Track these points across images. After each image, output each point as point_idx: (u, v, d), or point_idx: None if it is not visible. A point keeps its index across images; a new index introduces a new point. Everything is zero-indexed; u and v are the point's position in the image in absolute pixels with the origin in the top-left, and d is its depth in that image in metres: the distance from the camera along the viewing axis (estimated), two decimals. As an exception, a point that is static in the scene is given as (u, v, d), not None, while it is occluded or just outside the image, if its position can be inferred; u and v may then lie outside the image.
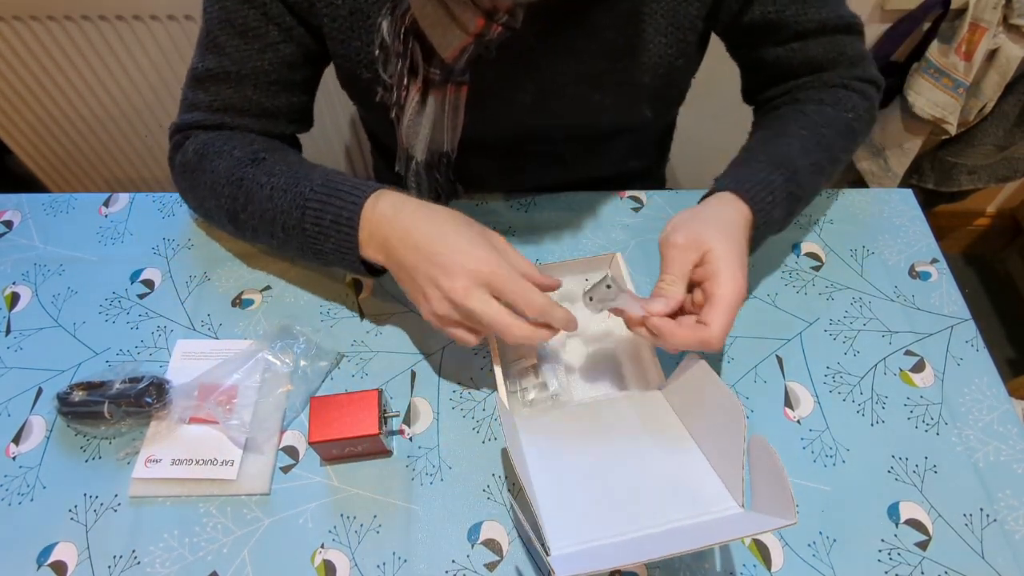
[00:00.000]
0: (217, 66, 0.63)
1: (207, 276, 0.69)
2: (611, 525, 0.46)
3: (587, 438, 0.54)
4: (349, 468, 0.57)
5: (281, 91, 0.65)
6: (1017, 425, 0.58)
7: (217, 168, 0.62)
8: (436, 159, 0.67)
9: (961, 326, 0.65)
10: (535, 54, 0.62)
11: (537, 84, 0.65)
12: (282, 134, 0.68)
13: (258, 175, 0.60)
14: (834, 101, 0.66)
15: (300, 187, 0.57)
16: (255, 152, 0.62)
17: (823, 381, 0.62)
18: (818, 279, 0.69)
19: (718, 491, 0.47)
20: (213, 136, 0.64)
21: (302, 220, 0.57)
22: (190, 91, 0.66)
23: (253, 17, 0.60)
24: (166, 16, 1.13)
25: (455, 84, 0.60)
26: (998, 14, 1.08)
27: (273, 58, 0.62)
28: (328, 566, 0.52)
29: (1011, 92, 1.22)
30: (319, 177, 0.58)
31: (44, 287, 0.69)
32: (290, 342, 0.62)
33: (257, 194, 0.59)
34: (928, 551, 0.52)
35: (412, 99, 0.60)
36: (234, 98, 0.64)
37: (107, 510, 0.55)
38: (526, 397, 0.58)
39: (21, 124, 1.34)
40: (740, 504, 0.46)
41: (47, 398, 0.61)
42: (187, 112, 0.66)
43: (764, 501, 0.43)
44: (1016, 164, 1.35)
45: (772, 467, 0.42)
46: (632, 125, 0.72)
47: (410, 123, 0.62)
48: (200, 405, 0.58)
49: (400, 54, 0.58)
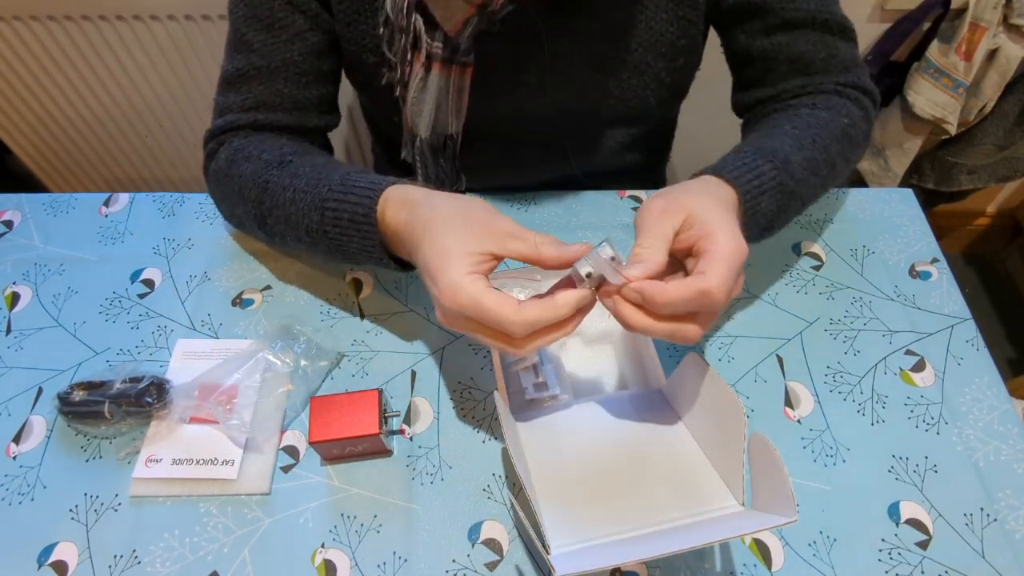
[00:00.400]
0: (247, 64, 0.63)
1: (207, 276, 0.69)
2: (611, 524, 0.46)
3: (587, 437, 0.54)
4: (349, 468, 0.57)
5: (312, 82, 0.65)
6: (1017, 425, 0.58)
7: (245, 173, 0.61)
8: (441, 142, 0.67)
9: (961, 326, 0.65)
10: (540, 36, 0.62)
11: (542, 66, 0.65)
12: (316, 127, 0.68)
13: (283, 177, 0.58)
14: (828, 106, 0.63)
15: (319, 188, 0.56)
16: (283, 155, 0.61)
17: (823, 381, 0.62)
18: (818, 279, 0.69)
19: (718, 489, 0.47)
20: (244, 141, 0.63)
21: (322, 222, 0.55)
22: (221, 96, 0.66)
23: (279, 7, 0.61)
24: (166, 16, 1.13)
25: (460, 65, 0.60)
26: (998, 14, 1.08)
27: (302, 48, 0.63)
28: (328, 566, 0.52)
29: (1011, 92, 1.22)
30: (339, 175, 0.56)
31: (44, 287, 0.69)
32: (290, 342, 0.62)
33: (281, 197, 0.58)
34: (928, 551, 0.52)
35: (416, 75, 0.61)
36: (266, 94, 0.63)
37: (108, 510, 0.55)
38: (526, 397, 0.58)
39: (21, 124, 1.34)
40: (740, 503, 0.46)
41: (47, 398, 0.61)
42: (219, 117, 0.65)
43: (765, 499, 0.43)
44: (1016, 164, 1.35)
45: (773, 464, 0.42)
46: (635, 114, 0.72)
47: (414, 100, 0.63)
48: (200, 405, 0.58)
49: (403, 29, 0.58)
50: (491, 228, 0.46)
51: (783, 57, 0.64)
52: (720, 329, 0.65)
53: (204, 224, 0.74)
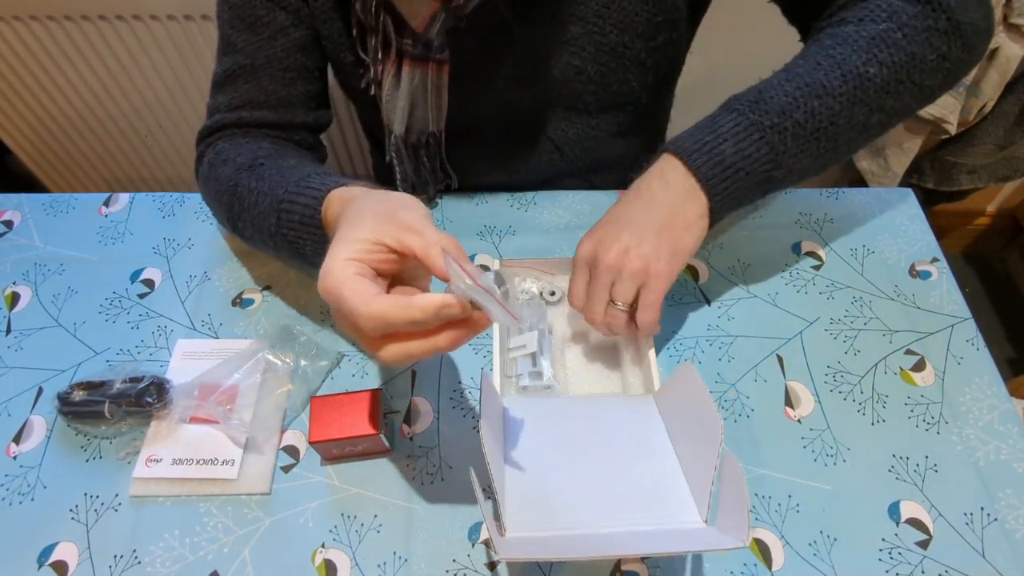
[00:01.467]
0: (233, 64, 0.63)
1: (207, 276, 0.69)
2: (573, 518, 0.46)
3: (569, 430, 0.53)
4: (349, 467, 0.57)
5: (296, 78, 0.65)
6: (1017, 424, 0.58)
7: (220, 176, 0.61)
8: (423, 140, 0.67)
9: (961, 325, 0.65)
10: (511, 25, 0.62)
11: (517, 56, 0.65)
12: (303, 124, 0.68)
13: (251, 180, 0.58)
14: (862, 17, 0.54)
15: (277, 190, 0.55)
16: (255, 158, 0.60)
17: (823, 380, 0.62)
18: (818, 278, 0.69)
19: (686, 502, 0.47)
20: (226, 144, 0.64)
21: (279, 224, 0.54)
22: (211, 99, 0.66)
23: (260, 5, 0.61)
24: (166, 16, 1.13)
25: (436, 62, 0.61)
26: (998, 13, 1.08)
27: (285, 44, 0.63)
28: (329, 566, 0.52)
29: (1011, 91, 1.22)
30: (297, 177, 0.54)
31: (44, 287, 0.69)
32: (290, 342, 0.62)
33: (247, 200, 0.58)
34: (929, 550, 0.52)
35: (388, 73, 0.61)
36: (251, 92, 0.64)
37: (108, 510, 0.55)
38: (520, 383, 0.58)
39: (21, 124, 1.34)
40: (703, 519, 0.45)
41: (47, 398, 0.61)
42: (208, 118, 0.66)
43: (724, 518, 0.43)
44: (1016, 163, 1.35)
45: (737, 488, 0.42)
46: (620, 100, 0.71)
47: (388, 98, 0.63)
48: (201, 405, 0.58)
49: (373, 28, 0.59)
50: (393, 219, 0.41)
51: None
52: (720, 329, 0.65)
53: (204, 224, 0.74)
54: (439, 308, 0.37)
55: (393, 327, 0.38)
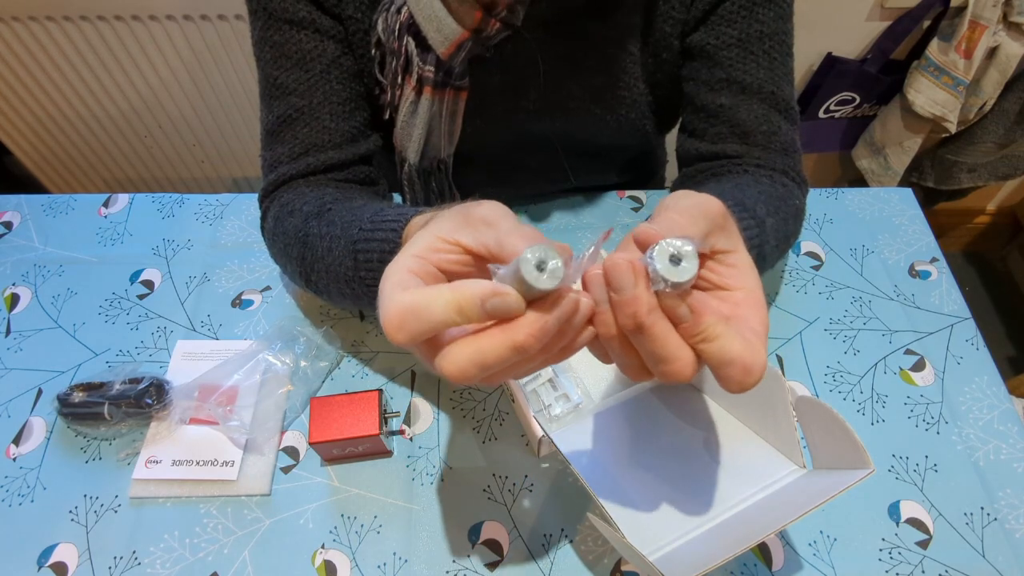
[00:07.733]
0: (287, 108, 0.59)
1: (207, 276, 0.69)
2: (686, 519, 0.44)
3: (628, 439, 0.52)
4: (350, 468, 0.57)
5: (355, 109, 0.61)
6: (1017, 424, 0.58)
7: (288, 228, 0.56)
8: (434, 166, 0.65)
9: (961, 325, 0.65)
10: (538, 63, 0.61)
11: (540, 92, 0.63)
12: (368, 153, 0.63)
13: (320, 227, 0.53)
14: (782, 183, 0.59)
15: (351, 230, 0.50)
16: (323, 204, 0.55)
17: (823, 380, 0.62)
18: (818, 278, 0.69)
19: (774, 459, 0.45)
20: (292, 195, 0.59)
21: (356, 268, 0.50)
22: (267, 151, 0.61)
23: (306, 40, 0.57)
24: (166, 16, 1.13)
25: (454, 89, 0.58)
26: (998, 11, 1.08)
27: (340, 74, 0.59)
28: (329, 566, 0.52)
29: (1011, 90, 1.22)
30: (370, 213, 0.50)
31: (44, 288, 0.69)
32: (290, 342, 0.62)
33: (319, 248, 0.53)
34: (929, 550, 0.52)
35: (406, 98, 0.59)
36: (312, 135, 0.59)
37: (107, 511, 0.55)
38: (552, 413, 0.56)
39: (21, 124, 1.34)
40: (801, 466, 0.44)
41: (47, 399, 0.61)
42: (270, 172, 0.61)
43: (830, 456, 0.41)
44: (1016, 162, 1.35)
45: (830, 421, 0.40)
46: (635, 140, 0.71)
47: (403, 124, 0.61)
48: (200, 406, 0.58)
49: (395, 51, 0.57)
50: (468, 215, 0.35)
51: (724, 119, 0.61)
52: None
53: (204, 225, 0.74)
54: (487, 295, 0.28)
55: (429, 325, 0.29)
